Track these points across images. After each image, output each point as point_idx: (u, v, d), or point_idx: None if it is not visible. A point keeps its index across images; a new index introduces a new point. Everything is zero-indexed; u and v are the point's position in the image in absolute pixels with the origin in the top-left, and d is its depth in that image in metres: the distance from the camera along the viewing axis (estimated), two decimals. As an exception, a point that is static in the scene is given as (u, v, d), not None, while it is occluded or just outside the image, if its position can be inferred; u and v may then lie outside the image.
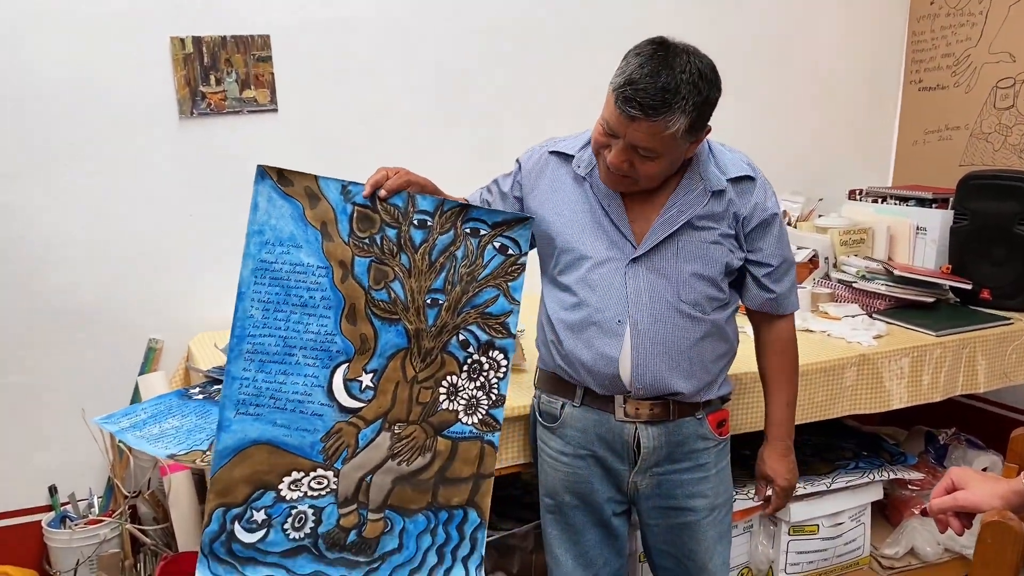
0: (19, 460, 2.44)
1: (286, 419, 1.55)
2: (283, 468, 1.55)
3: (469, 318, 1.62)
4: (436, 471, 1.62)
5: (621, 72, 1.48)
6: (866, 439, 2.67)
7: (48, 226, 2.37)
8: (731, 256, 1.65)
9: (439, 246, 1.60)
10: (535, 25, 2.76)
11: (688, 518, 1.73)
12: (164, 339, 2.51)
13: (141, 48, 2.36)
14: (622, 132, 1.49)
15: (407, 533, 1.62)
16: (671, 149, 1.51)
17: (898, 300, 2.59)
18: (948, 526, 1.26)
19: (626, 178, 1.56)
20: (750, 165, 1.69)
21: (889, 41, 3.33)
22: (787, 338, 1.79)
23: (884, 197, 3.06)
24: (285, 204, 1.58)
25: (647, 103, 1.43)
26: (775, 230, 1.68)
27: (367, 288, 1.57)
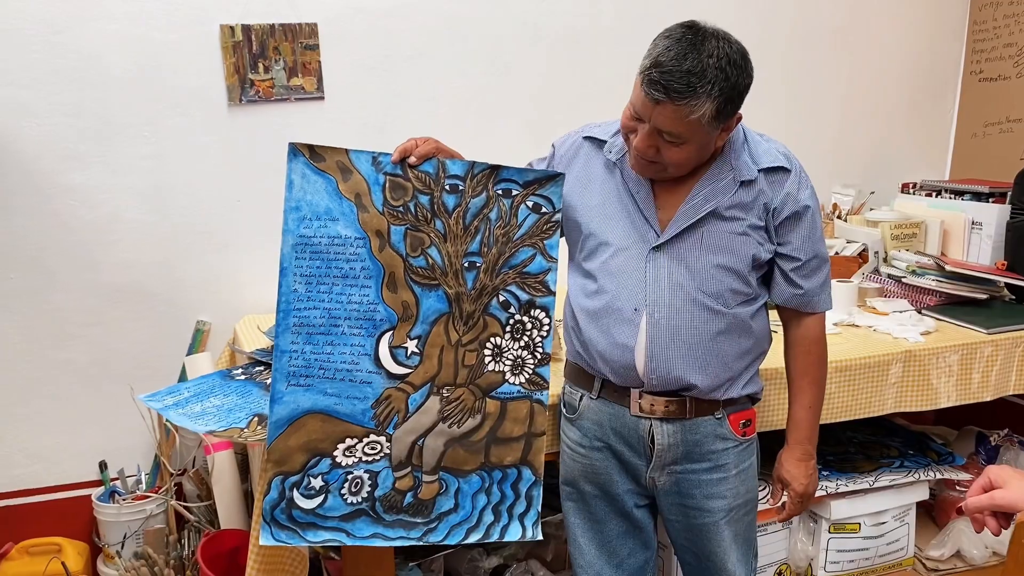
0: (73, 435, 2.52)
1: (336, 388, 1.57)
2: (337, 435, 1.58)
3: (508, 279, 1.64)
4: (487, 432, 1.64)
5: (649, 54, 1.46)
6: (913, 438, 2.60)
7: (106, 206, 2.44)
8: (759, 248, 1.61)
9: (472, 209, 1.62)
10: (583, 10, 2.75)
11: (706, 519, 1.70)
12: (212, 321, 2.57)
13: (193, 36, 2.41)
14: (648, 116, 1.47)
15: (462, 493, 1.64)
16: (697, 135, 1.48)
17: (949, 296, 2.52)
18: (985, 526, 1.22)
19: (654, 164, 1.54)
20: (786, 156, 1.64)
21: (948, 30, 3.23)
22: (813, 338, 1.73)
23: (938, 191, 2.98)
24: (319, 179, 1.60)
25: (671, 86, 1.41)
26: (806, 223, 1.63)
27: (405, 256, 1.59)
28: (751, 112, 2.91)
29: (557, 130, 1.95)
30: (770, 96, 3.05)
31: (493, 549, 2.24)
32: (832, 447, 2.52)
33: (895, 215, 2.93)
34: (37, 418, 2.48)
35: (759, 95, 2.94)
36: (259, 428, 1.68)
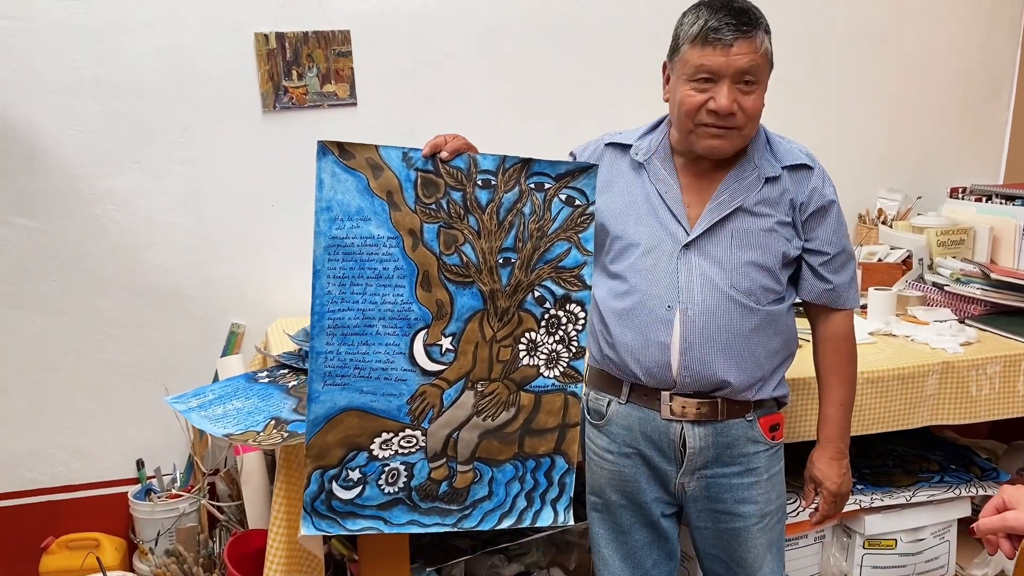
0: (112, 434, 2.59)
1: (371, 386, 1.57)
2: (373, 430, 1.58)
3: (543, 274, 1.62)
4: (521, 424, 1.64)
5: (693, 23, 1.53)
6: (956, 452, 2.51)
7: (144, 210, 2.50)
8: (788, 245, 1.62)
9: (505, 204, 1.59)
10: (615, 11, 2.72)
11: (737, 524, 1.68)
12: (246, 324, 2.62)
13: (228, 44, 2.46)
14: (723, 66, 1.51)
15: (496, 481, 1.65)
16: (764, 73, 1.56)
17: (994, 305, 2.43)
18: (998, 548, 1.17)
19: (731, 130, 1.56)
20: (807, 154, 1.67)
21: (1003, 28, 3.11)
22: (843, 335, 1.72)
23: (989, 196, 2.88)
24: (349, 177, 1.55)
25: (740, 22, 1.50)
26: (833, 218, 1.65)
27: (438, 254, 1.57)
28: (799, 114, 2.90)
29: (588, 132, 1.94)
30: (817, 98, 2.98)
31: (515, 556, 2.23)
32: (869, 460, 2.45)
33: (942, 221, 2.84)
34: (78, 416, 2.55)
35: (807, 97, 2.93)
36: (274, 432, 1.70)
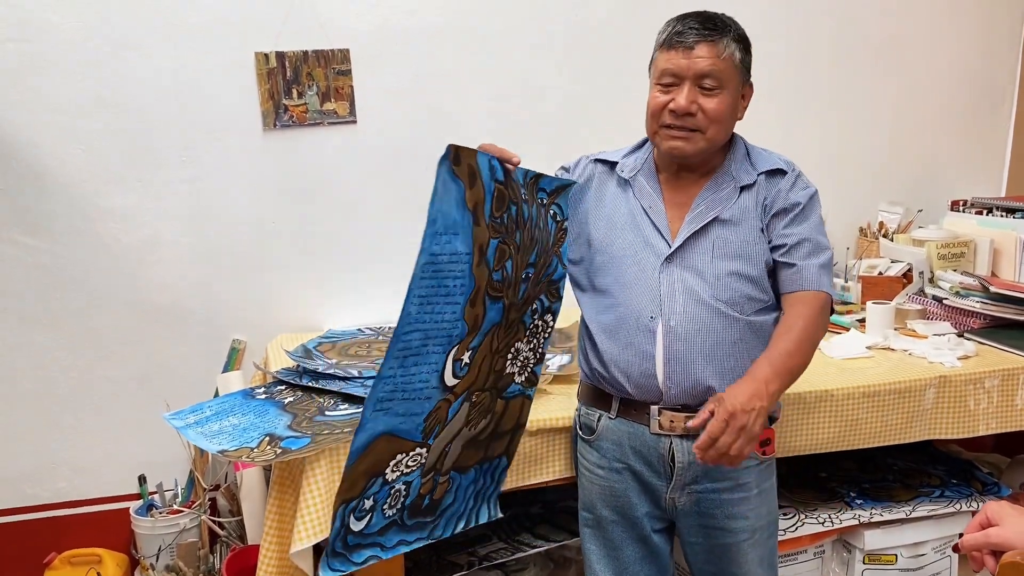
0: (115, 450, 2.60)
1: (405, 407, 1.45)
2: (392, 453, 1.48)
3: (541, 287, 1.64)
4: (491, 429, 1.64)
5: (664, 31, 1.61)
6: (958, 466, 2.50)
7: (146, 228, 2.53)
8: (768, 253, 1.63)
9: (532, 219, 1.56)
10: (611, 34, 2.74)
11: (728, 540, 1.68)
12: (247, 340, 2.63)
13: (229, 63, 2.49)
14: (685, 68, 1.56)
15: (460, 487, 1.65)
16: (731, 80, 1.59)
17: (994, 319, 2.42)
18: (983, 565, 1.17)
19: (693, 132, 1.58)
20: (786, 162, 1.68)
21: (1003, 40, 3.11)
22: (811, 307, 1.57)
23: (990, 208, 2.87)
24: (453, 186, 1.39)
25: (701, 28, 1.56)
26: (793, 215, 1.63)
27: (491, 270, 1.48)
28: (800, 126, 2.90)
29: (586, 149, 1.96)
30: (819, 112, 2.99)
31: (513, 572, 2.23)
32: (869, 474, 2.44)
33: (943, 234, 2.83)
34: (81, 432, 2.57)
35: (808, 110, 2.94)
36: (268, 448, 1.71)
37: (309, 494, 1.71)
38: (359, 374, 2.06)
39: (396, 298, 2.67)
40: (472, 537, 2.27)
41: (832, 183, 3.03)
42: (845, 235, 3.04)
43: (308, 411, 1.89)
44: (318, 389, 2.00)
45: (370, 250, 2.69)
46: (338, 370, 2.07)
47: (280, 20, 2.49)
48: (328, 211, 2.65)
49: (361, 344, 2.38)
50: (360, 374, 2.06)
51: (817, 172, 2.93)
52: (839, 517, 2.24)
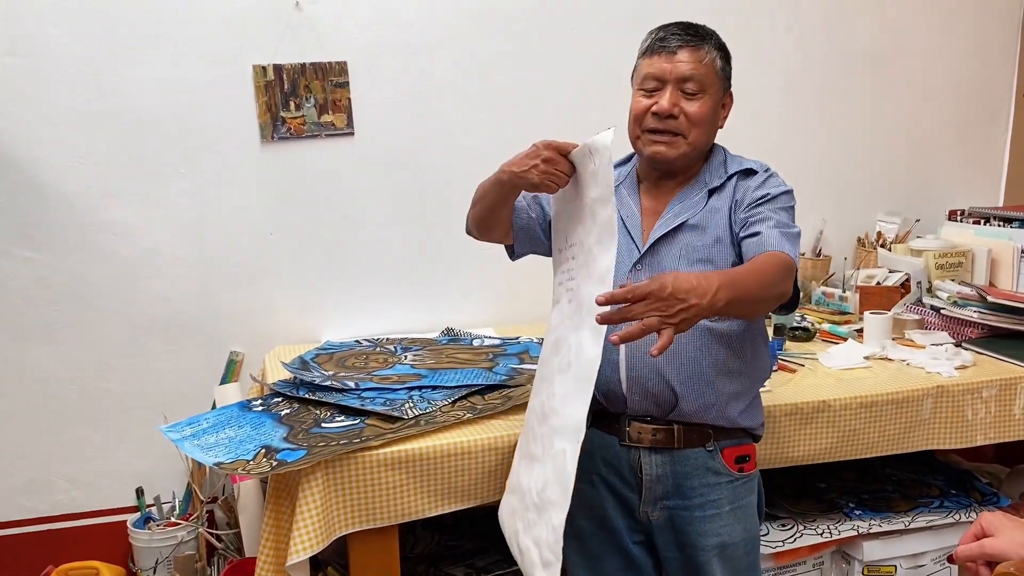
0: (112, 462, 2.60)
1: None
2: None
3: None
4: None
5: (647, 39, 1.64)
6: (957, 476, 2.49)
7: (145, 241, 2.53)
8: (735, 257, 1.61)
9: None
10: (610, 46, 2.74)
11: (700, 557, 1.64)
12: (245, 352, 2.63)
13: (227, 76, 2.50)
14: (667, 72, 1.58)
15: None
16: (712, 85, 1.60)
17: (992, 328, 2.41)
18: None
19: (675, 136, 1.59)
20: (759, 164, 1.67)
21: (998, 51, 3.12)
22: (769, 260, 1.47)
23: (987, 218, 2.87)
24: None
25: (684, 33, 1.59)
26: (758, 199, 1.58)
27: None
28: (799, 138, 2.91)
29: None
30: (817, 123, 3.00)
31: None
32: (868, 485, 2.44)
33: (940, 244, 2.83)
34: (79, 445, 2.57)
35: (807, 122, 2.94)
36: (264, 460, 1.71)
37: (305, 506, 1.71)
38: (356, 386, 2.06)
39: (393, 310, 2.72)
40: (469, 550, 2.27)
41: (830, 193, 3.04)
42: (843, 245, 3.05)
43: (304, 423, 1.89)
44: (315, 401, 2.00)
45: (368, 262, 2.69)
46: (335, 382, 2.07)
47: (278, 33, 2.51)
48: (326, 223, 2.65)
49: (359, 356, 2.37)
50: (357, 386, 2.06)
51: (816, 183, 2.98)
52: (838, 528, 2.23)
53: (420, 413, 1.90)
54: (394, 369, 2.23)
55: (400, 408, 1.91)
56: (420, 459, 1.78)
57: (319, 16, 2.53)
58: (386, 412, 1.88)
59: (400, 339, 2.58)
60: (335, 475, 1.74)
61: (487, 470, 1.82)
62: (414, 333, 2.66)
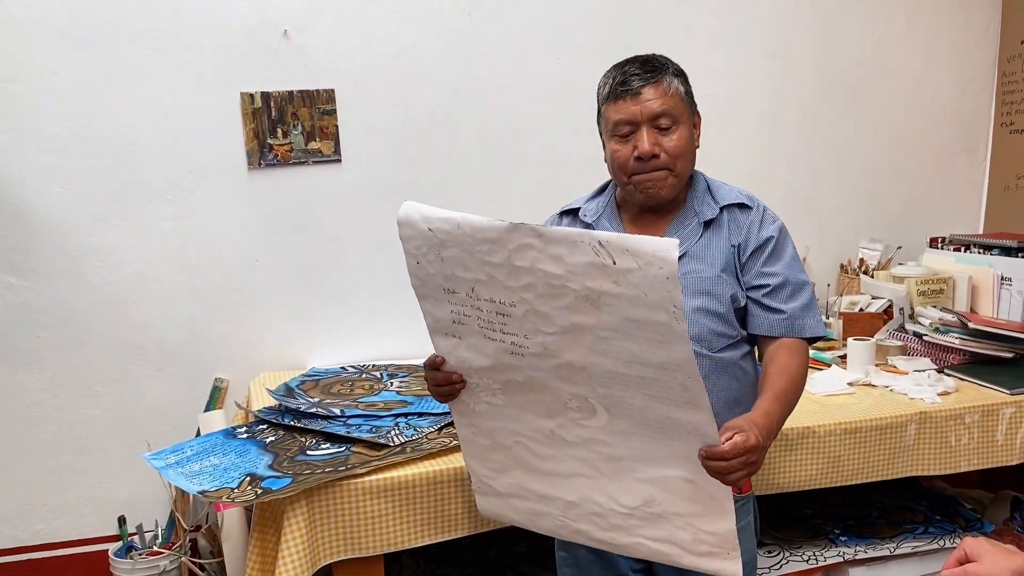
0: (95, 490, 2.58)
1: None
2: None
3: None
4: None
5: (605, 84, 1.64)
6: (941, 502, 2.50)
7: (130, 266, 2.53)
8: (736, 289, 1.62)
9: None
10: (599, 71, 2.76)
11: None
12: (230, 378, 2.62)
13: (215, 103, 2.51)
14: (637, 114, 1.58)
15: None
16: (681, 112, 1.60)
17: (973, 355, 2.44)
18: (961, 601, 1.17)
19: (661, 171, 1.60)
20: (748, 196, 1.68)
21: (977, 82, 3.18)
22: (801, 362, 1.58)
23: (967, 245, 2.91)
24: None
25: (643, 72, 1.59)
26: (770, 252, 1.63)
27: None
28: (783, 165, 2.94)
29: (573, 189, 1.98)
30: (801, 150, 3.04)
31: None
32: (853, 511, 2.44)
33: (922, 270, 2.86)
34: (61, 473, 2.55)
35: (791, 149, 2.98)
36: (248, 488, 1.70)
37: (290, 534, 1.70)
38: (341, 413, 2.05)
39: (379, 336, 2.71)
40: (456, 577, 2.26)
41: (814, 220, 3.07)
42: (826, 271, 3.07)
43: (290, 451, 1.88)
44: (300, 428, 2.00)
45: (354, 288, 2.69)
46: (320, 409, 2.07)
47: (266, 61, 2.52)
48: (312, 249, 2.66)
49: (344, 382, 2.37)
50: (342, 413, 2.05)
51: (799, 209, 3.01)
52: (824, 555, 2.24)
53: (406, 440, 1.90)
54: (380, 396, 2.23)
55: (386, 435, 1.91)
56: (406, 487, 1.78)
57: (307, 44, 2.55)
58: (372, 439, 1.88)
59: (386, 365, 2.58)
60: (320, 503, 1.73)
61: (475, 499, 1.82)
62: (400, 359, 2.66)
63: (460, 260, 1.39)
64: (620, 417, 1.40)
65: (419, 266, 1.45)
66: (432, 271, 1.43)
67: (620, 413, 1.39)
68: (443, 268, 1.41)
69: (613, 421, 1.41)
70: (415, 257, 1.44)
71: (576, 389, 1.41)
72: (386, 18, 2.60)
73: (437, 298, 1.46)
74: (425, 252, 1.42)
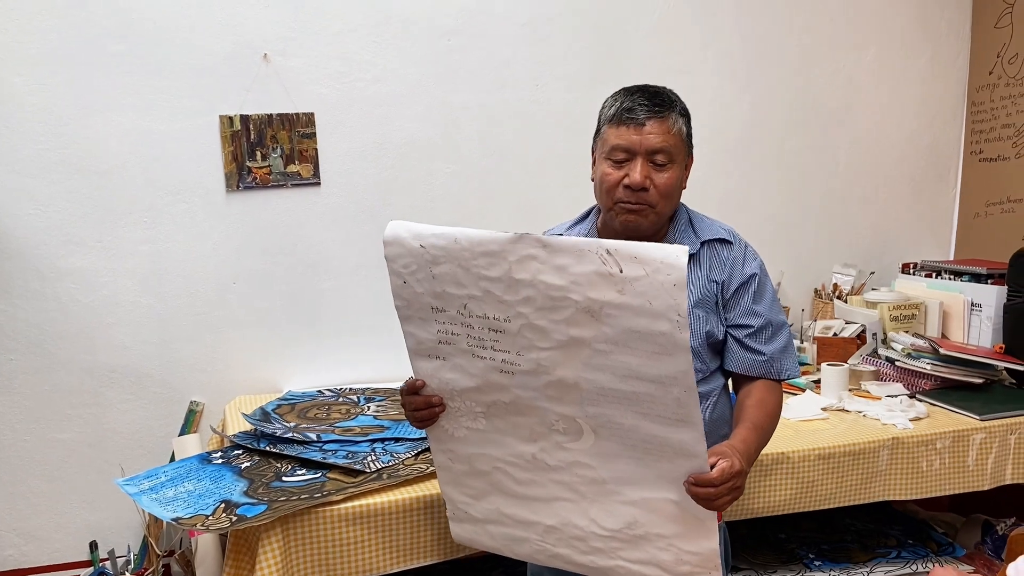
0: (66, 516, 2.54)
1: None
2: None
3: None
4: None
5: (611, 105, 1.62)
6: (913, 527, 2.53)
7: (105, 289, 2.51)
8: (712, 325, 1.64)
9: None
10: (577, 95, 2.80)
11: None
12: (205, 401, 2.61)
13: (194, 126, 2.51)
14: (637, 144, 1.57)
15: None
16: (679, 153, 1.61)
17: (944, 380, 2.47)
18: (931, 629, 1.19)
19: (644, 207, 1.60)
20: (729, 231, 1.70)
21: (947, 111, 3.24)
22: (773, 396, 1.64)
23: (938, 271, 2.96)
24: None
25: (651, 104, 1.58)
26: (753, 291, 1.66)
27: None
28: (758, 192, 2.98)
29: (549, 214, 2.00)
30: (776, 178, 3.07)
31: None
32: (827, 535, 2.46)
33: (895, 296, 2.90)
34: (32, 498, 2.51)
35: (766, 177, 3.02)
36: (223, 515, 1.69)
37: (265, 562, 1.69)
38: (318, 438, 2.05)
39: (357, 359, 2.71)
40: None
41: (788, 246, 3.11)
42: (801, 296, 3.11)
43: (265, 476, 1.87)
44: (276, 454, 1.99)
45: (332, 311, 2.69)
46: (296, 434, 2.06)
47: (246, 84, 2.53)
48: (290, 272, 2.65)
49: (321, 406, 2.36)
50: (319, 438, 2.05)
51: (774, 235, 3.05)
52: (798, 579, 2.25)
53: (383, 466, 1.89)
54: (356, 420, 2.22)
55: (362, 461, 1.90)
56: (383, 514, 1.78)
57: (287, 68, 2.56)
58: (348, 465, 1.87)
59: (363, 389, 2.57)
60: (296, 530, 1.72)
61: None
62: (377, 383, 2.65)
63: (454, 276, 1.39)
64: (607, 438, 1.40)
65: (405, 286, 1.45)
66: (420, 290, 1.44)
67: (607, 434, 1.40)
68: (433, 286, 1.42)
69: (599, 443, 1.42)
70: (402, 277, 1.45)
71: (565, 409, 1.41)
72: (366, 43, 2.62)
73: (423, 318, 1.46)
74: (415, 270, 1.42)
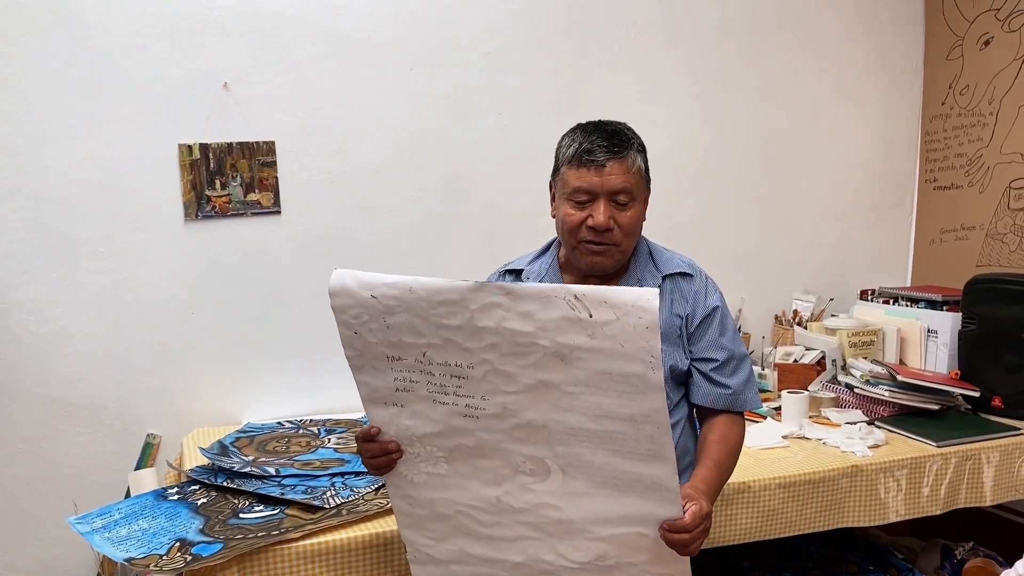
0: (17, 554, 2.47)
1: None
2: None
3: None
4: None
5: (569, 145, 1.62)
6: (874, 552, 2.55)
7: (59, 320, 2.45)
8: (676, 358, 1.65)
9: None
10: (541, 125, 2.81)
11: None
12: (162, 434, 2.56)
13: (152, 154, 2.47)
14: (599, 186, 1.58)
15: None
16: (639, 190, 1.62)
17: (901, 407, 2.50)
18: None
19: (608, 247, 1.61)
20: (688, 263, 1.72)
21: (902, 140, 3.31)
22: (736, 428, 1.68)
23: (896, 298, 3.00)
24: None
25: (610, 144, 1.58)
26: (717, 324, 1.68)
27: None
28: (719, 219, 3.01)
29: (514, 243, 1.99)
30: (736, 206, 3.11)
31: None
32: (790, 563, 2.47)
33: (853, 322, 2.94)
34: (-20, 535, 2.45)
35: (727, 205, 3.05)
36: (178, 555, 1.65)
37: (221, 602, 1.65)
38: (276, 472, 2.01)
39: (317, 390, 2.68)
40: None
41: (749, 273, 3.14)
42: (761, 323, 3.14)
43: (222, 513, 1.83)
44: (233, 489, 1.95)
45: (292, 341, 2.66)
46: (255, 468, 2.03)
47: (205, 113, 2.50)
48: (249, 302, 2.62)
49: (280, 439, 2.33)
50: (277, 472, 2.02)
51: (735, 262, 3.08)
52: (761, 608, 2.26)
53: (342, 502, 1.87)
54: (316, 454, 2.19)
55: (321, 496, 1.87)
56: (342, 551, 1.75)
57: (248, 96, 2.54)
58: (307, 501, 1.85)
59: (324, 420, 2.54)
60: (252, 569, 1.69)
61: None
62: (339, 414, 2.62)
63: (411, 325, 1.35)
64: (576, 477, 1.38)
65: (356, 336, 1.41)
66: (373, 340, 1.40)
67: (576, 472, 1.38)
68: (388, 336, 1.38)
69: (567, 482, 1.39)
70: (352, 328, 1.41)
71: (532, 450, 1.39)
72: (327, 72, 2.61)
73: (377, 367, 1.43)
74: (366, 320, 1.38)
